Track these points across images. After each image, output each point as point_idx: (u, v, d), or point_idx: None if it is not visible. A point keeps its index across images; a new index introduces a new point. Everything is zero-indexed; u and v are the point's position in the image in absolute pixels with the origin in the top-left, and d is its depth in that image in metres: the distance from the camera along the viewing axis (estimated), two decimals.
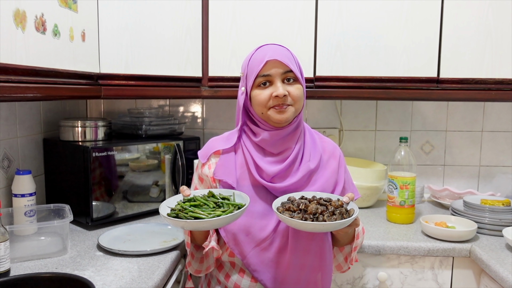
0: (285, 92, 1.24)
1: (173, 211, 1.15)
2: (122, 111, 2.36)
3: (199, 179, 1.39)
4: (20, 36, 1.20)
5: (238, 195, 1.24)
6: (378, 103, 2.31)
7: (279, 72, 1.25)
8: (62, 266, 1.38)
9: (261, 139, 1.30)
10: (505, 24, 1.82)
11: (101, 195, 1.76)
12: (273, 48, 1.28)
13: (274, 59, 1.24)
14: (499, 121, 2.27)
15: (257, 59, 1.27)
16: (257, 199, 1.29)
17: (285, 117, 1.26)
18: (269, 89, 1.26)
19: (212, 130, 2.35)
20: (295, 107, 1.27)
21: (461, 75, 1.86)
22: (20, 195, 1.60)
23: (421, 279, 1.70)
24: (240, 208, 1.15)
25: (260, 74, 1.25)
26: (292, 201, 1.21)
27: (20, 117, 1.76)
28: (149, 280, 1.30)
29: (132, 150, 1.87)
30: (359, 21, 1.87)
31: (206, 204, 1.18)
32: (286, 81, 1.26)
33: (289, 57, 1.27)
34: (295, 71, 1.26)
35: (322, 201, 1.20)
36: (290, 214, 1.15)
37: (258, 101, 1.26)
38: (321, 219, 1.12)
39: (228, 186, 1.30)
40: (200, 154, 1.39)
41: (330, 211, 1.15)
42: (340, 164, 1.38)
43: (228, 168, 1.32)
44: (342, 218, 1.13)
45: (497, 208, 1.78)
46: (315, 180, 1.32)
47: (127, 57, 1.75)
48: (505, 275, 1.40)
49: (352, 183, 1.43)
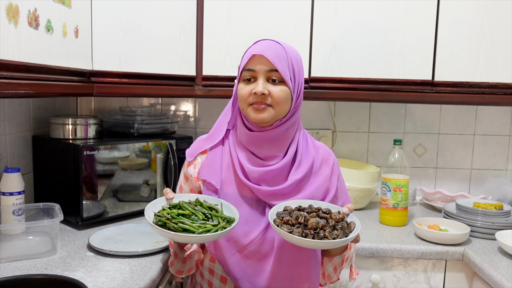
0: (264, 91, 1.17)
1: (159, 217, 1.10)
2: (113, 109, 2.32)
3: (185, 178, 1.35)
4: (12, 31, 1.17)
5: (226, 206, 1.19)
6: (372, 105, 2.31)
7: (263, 69, 1.19)
8: (51, 267, 1.35)
9: (238, 134, 1.27)
10: (500, 28, 1.83)
11: (91, 194, 1.73)
12: (266, 44, 1.22)
13: (261, 54, 1.18)
14: (491, 124, 2.28)
15: (248, 53, 1.23)
16: (242, 202, 1.23)
17: (260, 117, 1.19)
18: (252, 85, 1.20)
19: (205, 130, 2.33)
20: (275, 110, 1.20)
21: (455, 79, 1.87)
22: (8, 194, 1.56)
23: (414, 282, 1.70)
24: (229, 222, 1.12)
25: (246, 68, 1.21)
26: (290, 212, 1.13)
27: (9, 114, 1.72)
28: (141, 282, 1.28)
29: (122, 148, 1.84)
30: (355, 22, 1.86)
31: (194, 214, 1.13)
32: (271, 81, 1.19)
33: (279, 56, 1.19)
34: (282, 71, 1.18)
35: (321, 213, 1.13)
36: (289, 229, 1.07)
37: (240, 95, 1.23)
38: (322, 234, 1.06)
39: (212, 187, 1.25)
40: (188, 152, 1.35)
41: (331, 225, 1.09)
42: (333, 171, 1.31)
43: (213, 168, 1.27)
44: (343, 234, 1.07)
45: (489, 212, 1.79)
46: (305, 187, 1.26)
47: (120, 55, 1.72)
48: (499, 279, 1.40)
49: (345, 192, 1.36)
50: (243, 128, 1.26)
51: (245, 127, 1.26)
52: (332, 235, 1.05)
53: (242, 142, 1.26)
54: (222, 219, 1.13)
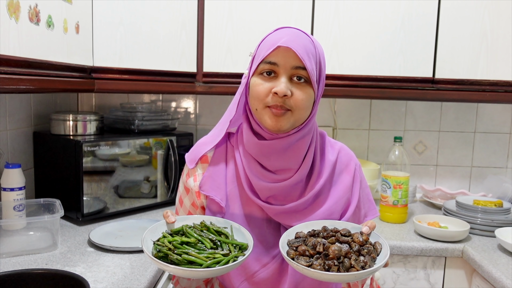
0: (287, 92, 0.96)
1: (159, 246, 0.93)
2: (114, 105, 2.32)
3: (185, 189, 1.15)
4: (13, 26, 1.17)
5: (236, 229, 1.01)
6: (372, 103, 2.31)
7: (288, 65, 0.98)
8: (52, 262, 1.36)
9: (245, 143, 1.06)
10: (500, 26, 1.83)
11: (92, 190, 1.74)
12: (293, 33, 1.00)
13: (288, 46, 0.96)
14: (491, 122, 2.28)
15: (269, 41, 1.01)
16: (250, 221, 1.06)
17: (279, 125, 0.99)
18: (272, 82, 0.99)
19: (205, 126, 2.33)
20: (294, 115, 0.99)
21: (456, 76, 1.87)
22: (9, 189, 1.57)
23: (414, 279, 1.71)
24: (242, 248, 0.96)
25: (266, 60, 0.99)
26: (304, 240, 0.95)
27: (10, 110, 1.73)
28: (141, 277, 1.28)
29: (122, 145, 1.84)
30: (356, 20, 1.86)
31: (201, 241, 0.96)
32: (296, 79, 0.99)
33: (308, 50, 0.98)
34: (310, 70, 0.98)
35: (341, 237, 0.94)
36: (307, 261, 0.89)
37: (255, 92, 1.00)
38: (347, 263, 0.87)
39: (216, 204, 1.07)
40: (188, 158, 1.15)
41: (355, 250, 0.90)
42: (355, 178, 1.11)
43: (217, 182, 1.09)
44: (372, 260, 0.89)
45: (489, 209, 1.79)
46: (322, 201, 1.07)
47: (121, 51, 1.72)
48: (498, 276, 1.40)
49: (368, 199, 1.16)
50: (250, 136, 1.04)
51: (253, 134, 1.04)
52: (359, 263, 0.87)
53: (250, 152, 1.06)
54: (234, 246, 0.96)
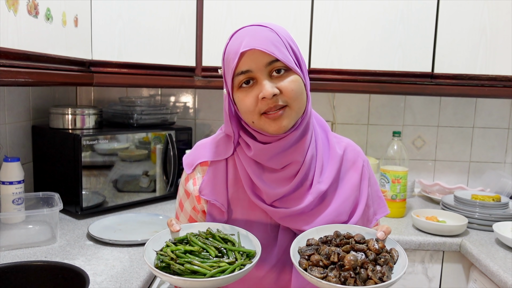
0: (274, 91, 0.91)
1: (162, 256, 0.88)
2: (112, 99, 2.32)
3: (185, 193, 1.10)
4: (12, 19, 1.17)
5: (244, 236, 0.97)
6: (371, 98, 2.31)
7: (261, 65, 0.91)
8: (51, 255, 1.36)
9: (253, 154, 0.99)
10: (500, 21, 1.83)
11: (91, 184, 1.74)
12: (250, 32, 0.93)
13: (250, 48, 0.90)
14: (490, 117, 2.28)
15: (231, 51, 0.94)
16: (253, 226, 1.02)
17: (282, 126, 0.94)
18: (255, 89, 0.93)
19: (204, 121, 2.33)
20: (293, 109, 0.94)
21: (455, 71, 1.87)
22: (8, 183, 1.57)
23: (412, 273, 1.71)
24: (249, 256, 0.91)
25: (237, 72, 0.93)
26: (317, 248, 0.89)
27: (8, 103, 1.72)
28: (140, 270, 1.28)
29: (121, 139, 1.84)
30: (355, 14, 1.86)
31: (205, 249, 0.91)
32: (276, 73, 0.93)
33: (273, 41, 0.92)
34: (284, 58, 0.92)
35: (356, 244, 0.88)
36: (321, 272, 0.83)
37: (244, 107, 0.95)
38: (364, 275, 0.82)
39: (217, 209, 1.03)
40: (186, 162, 1.09)
41: (371, 259, 0.85)
42: (363, 176, 1.06)
43: (218, 185, 1.03)
44: (389, 270, 0.84)
45: (487, 204, 1.79)
46: (329, 202, 1.02)
47: (120, 44, 1.72)
48: (495, 269, 1.41)
49: (378, 195, 1.11)
50: (255, 144, 0.99)
51: (257, 142, 0.99)
52: (377, 273, 0.82)
53: (257, 159, 1.00)
54: (240, 253, 0.91)
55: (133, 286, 1.20)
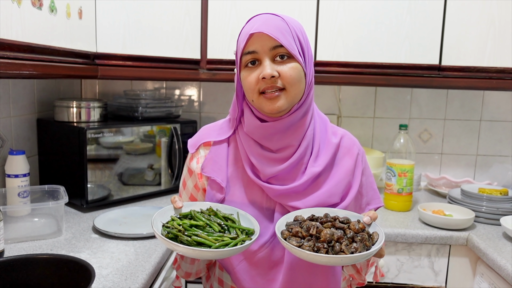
0: (273, 72, 0.99)
1: (168, 228, 0.96)
2: (117, 92, 2.32)
3: (188, 172, 1.18)
4: (16, 10, 1.16)
5: (243, 216, 1.04)
6: (377, 90, 2.30)
7: (266, 48, 1.01)
8: (57, 248, 1.36)
9: (247, 129, 1.08)
10: (509, 12, 1.80)
11: (96, 177, 1.73)
12: (263, 18, 1.03)
13: (259, 31, 1.00)
14: (497, 110, 2.26)
15: (243, 33, 1.05)
16: (250, 203, 1.09)
17: (276, 106, 1.01)
18: (258, 69, 1.02)
19: (209, 114, 2.32)
20: (290, 93, 1.02)
21: (463, 63, 1.85)
22: (14, 176, 1.57)
23: (418, 267, 1.70)
24: (248, 234, 0.99)
25: (245, 51, 1.03)
26: (301, 223, 0.98)
27: (13, 96, 1.72)
28: (146, 263, 1.28)
29: (126, 132, 1.83)
30: (362, 6, 1.84)
31: (209, 225, 0.99)
32: (279, 58, 1.02)
33: (281, 28, 1.01)
34: (288, 45, 1.00)
35: (338, 223, 0.96)
36: (298, 242, 0.92)
37: (247, 84, 1.04)
38: (337, 248, 0.90)
39: (217, 185, 1.10)
40: (190, 143, 1.18)
41: (349, 237, 0.92)
42: (357, 163, 1.13)
43: (218, 163, 1.12)
44: (364, 247, 0.91)
45: (494, 197, 1.78)
46: (322, 183, 1.09)
47: (124, 37, 1.71)
48: (503, 264, 1.40)
49: (372, 187, 1.17)
50: (253, 120, 1.07)
51: (256, 118, 1.08)
52: (350, 248, 0.89)
53: (253, 136, 1.08)
54: (241, 231, 0.99)
55: (138, 279, 1.19)
